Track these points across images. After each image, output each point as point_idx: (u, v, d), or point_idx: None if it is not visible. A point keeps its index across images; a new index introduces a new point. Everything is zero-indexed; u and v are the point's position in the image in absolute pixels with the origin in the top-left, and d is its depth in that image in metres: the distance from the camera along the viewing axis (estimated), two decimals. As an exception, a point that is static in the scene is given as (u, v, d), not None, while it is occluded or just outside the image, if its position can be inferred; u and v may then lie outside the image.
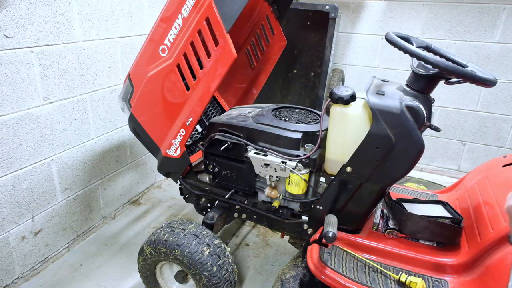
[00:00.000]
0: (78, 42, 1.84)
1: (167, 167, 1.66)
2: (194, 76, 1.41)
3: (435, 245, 1.34)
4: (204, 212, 1.79)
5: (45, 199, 1.84)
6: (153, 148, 1.63)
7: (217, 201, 1.72)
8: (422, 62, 1.23)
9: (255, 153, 1.47)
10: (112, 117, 2.18)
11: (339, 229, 1.37)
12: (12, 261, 1.73)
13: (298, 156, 1.42)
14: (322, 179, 1.61)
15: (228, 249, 1.49)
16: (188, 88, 1.43)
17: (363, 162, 1.27)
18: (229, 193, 1.62)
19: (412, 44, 1.31)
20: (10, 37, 1.52)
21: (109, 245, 2.10)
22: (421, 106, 1.21)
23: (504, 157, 1.64)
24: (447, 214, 1.39)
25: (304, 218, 1.53)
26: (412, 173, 3.02)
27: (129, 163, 2.42)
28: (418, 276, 1.22)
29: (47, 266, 1.91)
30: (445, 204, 1.46)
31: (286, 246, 2.02)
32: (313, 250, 1.33)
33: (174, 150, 1.57)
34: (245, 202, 1.63)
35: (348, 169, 1.30)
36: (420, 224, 1.33)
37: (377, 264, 1.28)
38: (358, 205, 1.37)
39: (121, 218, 2.36)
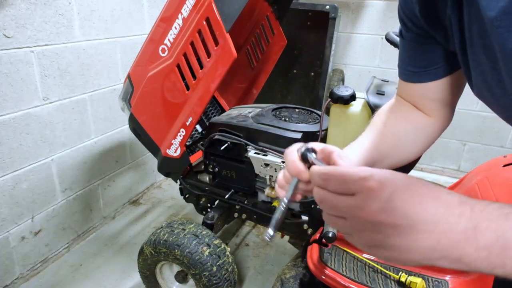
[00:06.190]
0: (78, 42, 1.84)
1: (167, 167, 1.65)
2: (194, 76, 1.41)
3: (435, 245, 1.34)
4: (204, 212, 1.79)
5: (45, 199, 1.84)
6: (153, 148, 1.63)
7: (217, 201, 1.72)
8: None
9: (255, 153, 1.47)
10: (112, 117, 2.18)
11: (339, 229, 1.36)
12: (11, 261, 1.73)
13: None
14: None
15: (228, 249, 1.49)
16: (188, 88, 1.43)
17: (363, 162, 1.27)
18: (229, 193, 1.62)
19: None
20: (10, 37, 1.52)
21: (109, 245, 2.10)
22: (421, 106, 1.21)
23: (504, 157, 1.64)
24: (447, 214, 1.38)
25: (304, 218, 1.53)
26: (412, 173, 3.02)
27: (129, 163, 2.42)
28: (418, 276, 1.22)
29: (47, 266, 1.91)
30: (445, 204, 1.46)
31: (286, 246, 2.02)
32: (313, 250, 1.32)
33: (174, 150, 1.57)
34: (245, 202, 1.62)
35: (348, 169, 1.30)
36: (420, 224, 1.33)
37: (377, 264, 1.28)
38: (358, 205, 1.36)
39: (121, 218, 2.36)
